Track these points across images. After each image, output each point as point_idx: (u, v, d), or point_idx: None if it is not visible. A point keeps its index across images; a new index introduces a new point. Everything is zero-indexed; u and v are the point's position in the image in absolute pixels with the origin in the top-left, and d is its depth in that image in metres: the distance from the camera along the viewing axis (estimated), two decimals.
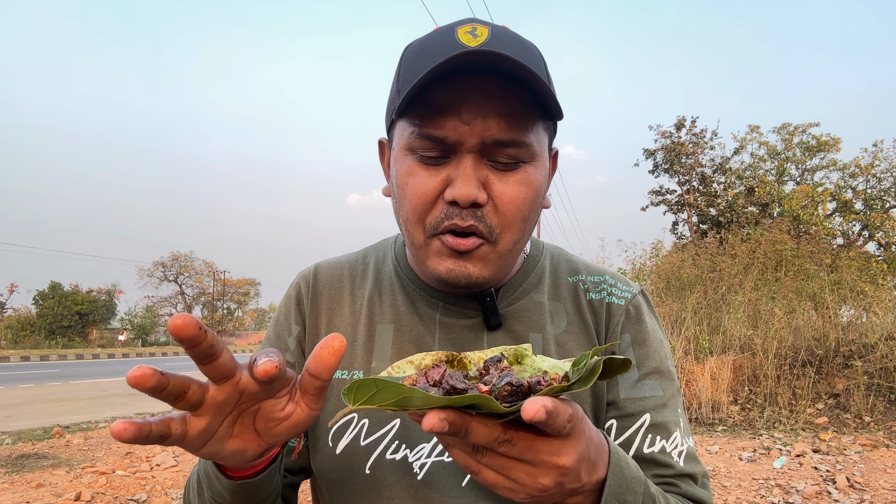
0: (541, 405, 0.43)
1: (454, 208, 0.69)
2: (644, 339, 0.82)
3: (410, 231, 0.74)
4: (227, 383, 0.52)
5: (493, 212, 0.71)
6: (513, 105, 0.68)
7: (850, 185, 21.64)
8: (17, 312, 40.06)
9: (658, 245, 12.36)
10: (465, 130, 0.68)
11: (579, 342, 0.81)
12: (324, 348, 0.52)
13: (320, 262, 0.91)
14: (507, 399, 0.47)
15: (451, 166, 0.70)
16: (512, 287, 0.82)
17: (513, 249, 0.74)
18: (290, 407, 0.56)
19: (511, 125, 0.68)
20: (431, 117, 0.68)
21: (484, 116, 0.67)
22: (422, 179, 0.71)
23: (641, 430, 0.76)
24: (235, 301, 55.69)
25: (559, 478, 0.51)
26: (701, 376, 7.35)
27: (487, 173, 0.70)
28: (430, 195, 0.71)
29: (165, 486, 4.74)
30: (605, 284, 0.85)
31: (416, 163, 0.71)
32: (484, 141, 0.68)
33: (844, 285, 8.87)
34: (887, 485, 4.53)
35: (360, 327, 0.83)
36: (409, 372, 0.56)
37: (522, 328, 0.80)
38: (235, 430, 0.56)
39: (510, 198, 0.70)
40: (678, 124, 21.91)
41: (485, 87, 0.67)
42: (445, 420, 0.45)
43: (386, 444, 0.75)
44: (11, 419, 8.07)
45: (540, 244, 0.90)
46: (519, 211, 0.71)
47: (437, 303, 0.82)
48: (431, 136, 0.69)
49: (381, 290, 0.86)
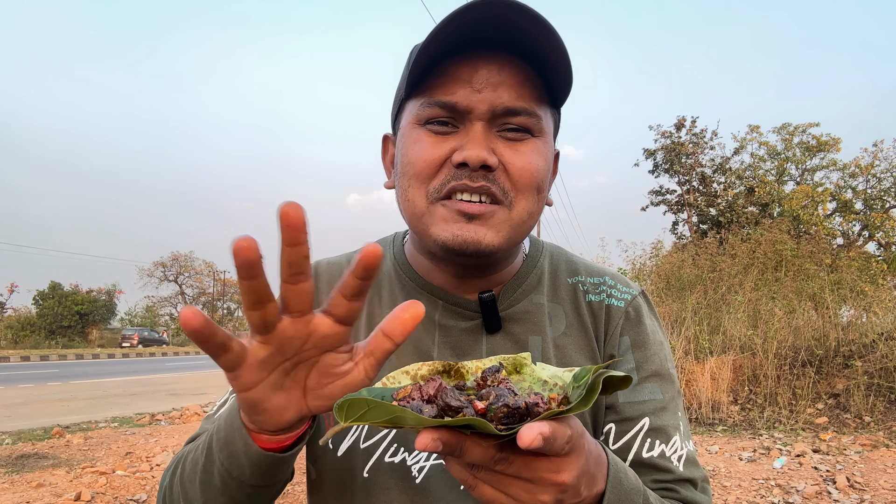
0: (537, 433, 0.42)
1: (463, 170, 0.68)
2: (643, 342, 0.80)
3: (412, 199, 0.72)
4: (302, 319, 0.50)
5: (504, 176, 0.70)
6: (524, 77, 0.69)
7: (850, 185, 21.65)
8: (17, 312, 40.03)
9: (658, 245, 12.39)
10: (477, 98, 0.68)
11: (578, 345, 0.80)
12: (405, 311, 0.52)
13: (319, 262, 0.90)
14: (504, 420, 0.45)
15: (460, 136, 0.69)
16: (512, 288, 0.81)
17: (527, 221, 0.72)
18: (349, 365, 0.55)
19: (522, 94, 0.68)
20: (443, 85, 0.69)
21: (496, 85, 0.68)
22: (427, 145, 0.70)
23: (640, 435, 0.75)
24: (235, 301, 55.67)
25: (559, 494, 0.50)
26: (701, 376, 7.35)
27: (497, 143, 0.69)
28: (437, 161, 0.70)
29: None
30: (605, 286, 0.84)
31: (423, 133, 0.71)
32: (495, 109, 0.68)
33: (844, 285, 8.87)
34: (887, 485, 4.53)
35: (360, 329, 0.81)
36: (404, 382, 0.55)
37: (522, 331, 0.79)
38: (286, 383, 0.54)
39: (522, 164, 0.69)
40: (678, 124, 21.92)
41: (496, 59, 0.68)
42: (439, 440, 0.44)
43: (385, 447, 0.75)
44: (11, 419, 8.07)
45: (539, 244, 0.89)
46: (532, 178, 0.70)
47: (436, 302, 0.80)
48: (441, 102, 0.69)
49: (380, 289, 0.84)
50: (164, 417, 8.16)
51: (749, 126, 22.63)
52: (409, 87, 0.71)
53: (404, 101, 0.75)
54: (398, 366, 0.77)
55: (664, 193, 22.93)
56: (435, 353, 0.78)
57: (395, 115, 0.79)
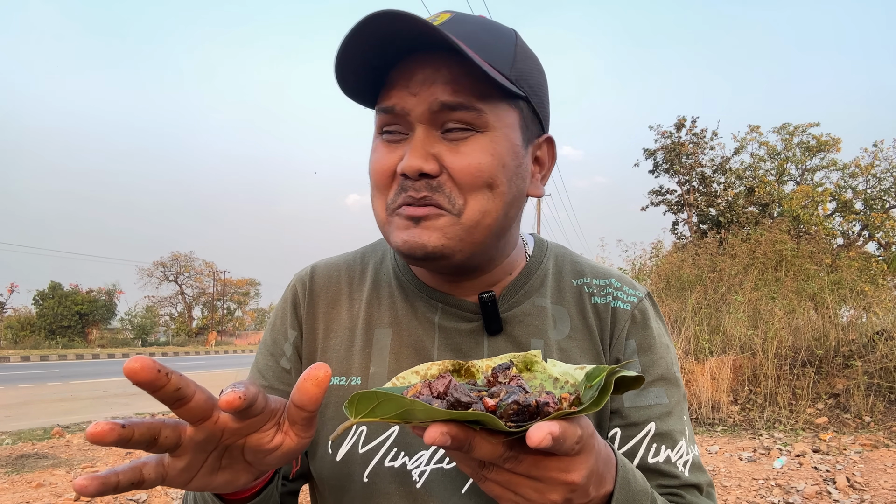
0: (547, 432, 0.42)
1: (408, 181, 0.68)
2: (650, 346, 0.80)
3: (376, 209, 0.73)
4: (205, 424, 0.49)
5: (449, 182, 0.68)
6: (460, 73, 0.67)
7: (850, 185, 21.63)
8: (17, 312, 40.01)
9: (658, 245, 12.37)
10: (413, 100, 0.68)
11: (583, 348, 0.79)
12: (308, 380, 0.49)
13: (317, 263, 0.89)
14: (514, 418, 0.45)
15: (408, 143, 0.69)
16: (513, 290, 0.80)
17: (481, 222, 0.69)
18: (279, 437, 0.54)
19: (458, 90, 0.67)
20: (385, 92, 0.70)
21: (431, 83, 0.67)
22: (381, 155, 0.71)
23: (646, 440, 0.74)
24: (235, 301, 55.65)
25: (568, 493, 0.50)
26: (701, 376, 7.35)
27: (439, 146, 0.68)
28: (388, 170, 0.70)
29: (166, 486, 4.73)
30: (611, 288, 0.83)
31: (380, 142, 0.72)
32: (431, 107, 0.67)
33: (844, 285, 8.87)
34: (887, 485, 4.53)
35: (358, 331, 0.80)
36: (413, 382, 0.55)
37: (524, 333, 0.78)
38: (224, 463, 0.54)
39: (463, 165, 0.67)
40: (678, 124, 21.90)
41: (434, 61, 0.67)
42: (448, 434, 0.43)
43: (384, 451, 0.74)
44: (11, 419, 8.07)
45: (544, 244, 0.87)
46: (477, 178, 0.68)
47: (435, 304, 0.79)
48: (383, 107, 0.70)
49: (379, 292, 0.83)
50: (164, 417, 8.15)
51: (749, 126, 22.63)
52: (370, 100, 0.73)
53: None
54: (397, 368, 0.77)
55: (664, 193, 22.92)
56: (435, 356, 0.77)
57: None
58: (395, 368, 0.77)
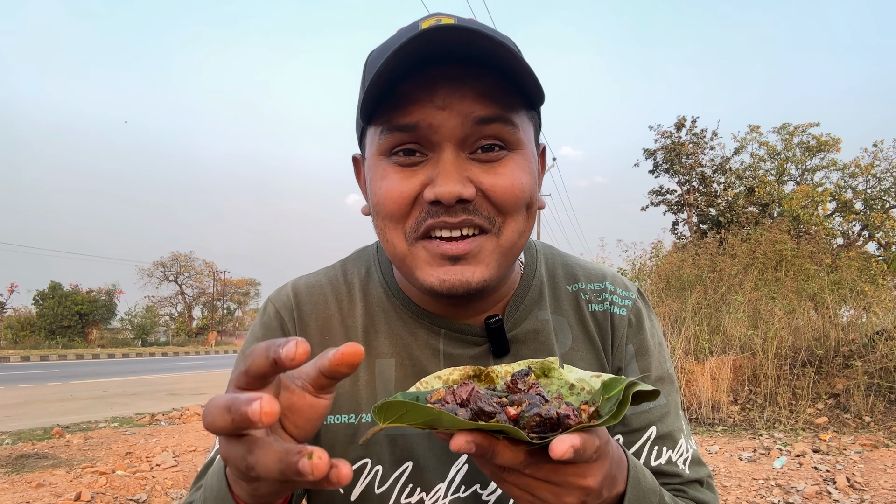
0: (569, 446, 0.44)
1: (438, 207, 0.62)
2: (646, 349, 0.80)
3: (391, 241, 0.66)
4: None
5: (486, 203, 0.63)
6: (490, 84, 0.61)
7: (850, 185, 21.63)
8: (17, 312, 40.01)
9: (658, 245, 12.35)
10: (442, 115, 0.61)
11: (587, 359, 0.78)
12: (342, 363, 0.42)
13: (296, 284, 0.81)
14: (535, 429, 0.47)
15: (430, 166, 0.63)
16: (515, 306, 0.77)
17: (517, 244, 0.66)
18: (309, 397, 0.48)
19: (493, 103, 0.61)
20: (400, 108, 0.61)
21: (461, 97, 0.61)
22: (395, 182, 0.63)
23: (648, 443, 0.75)
24: (235, 301, 55.65)
25: (584, 497, 0.52)
26: (701, 376, 7.34)
27: (472, 168, 0.63)
28: (407, 197, 0.63)
29: (165, 486, 4.74)
30: (606, 293, 0.81)
31: (389, 166, 0.64)
32: (464, 122, 0.61)
33: (844, 285, 8.86)
34: (887, 485, 4.53)
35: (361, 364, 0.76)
36: (436, 386, 0.57)
37: (530, 352, 0.76)
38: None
39: (505, 186, 0.63)
40: (678, 124, 21.90)
41: (456, 72, 0.61)
42: (472, 442, 0.45)
43: (400, 488, 0.72)
44: (11, 419, 8.06)
45: (532, 247, 0.84)
46: (518, 199, 0.64)
47: (438, 330, 0.75)
48: (402, 125, 0.62)
49: (374, 318, 0.77)
50: (164, 417, 8.16)
51: (749, 126, 22.64)
52: (364, 114, 0.64)
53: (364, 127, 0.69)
54: None
55: (664, 193, 22.92)
56: None
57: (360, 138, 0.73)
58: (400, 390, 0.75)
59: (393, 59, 0.57)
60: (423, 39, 0.56)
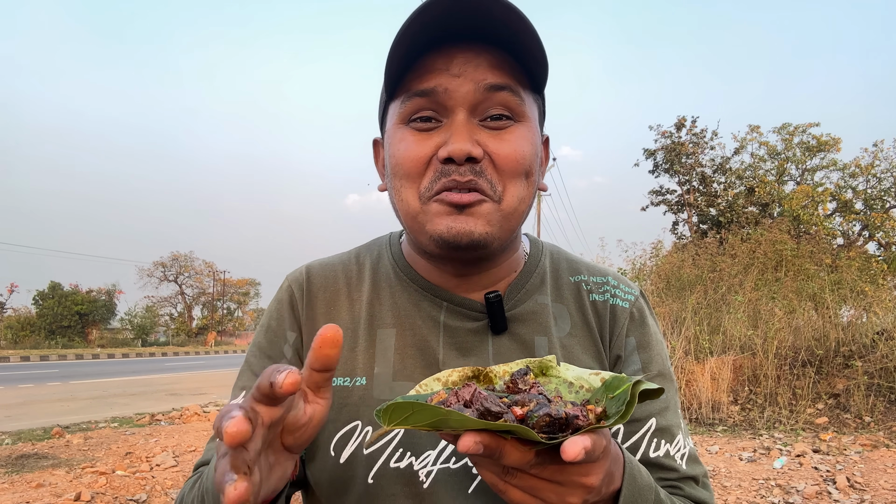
0: (581, 448, 0.44)
1: (450, 166, 0.68)
2: (648, 343, 0.82)
3: (405, 199, 0.72)
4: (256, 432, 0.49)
5: (491, 168, 0.70)
6: (501, 60, 0.69)
7: (850, 185, 21.62)
8: (17, 312, 40.00)
9: (658, 245, 12.36)
10: (457, 81, 0.68)
11: (583, 345, 0.80)
12: (324, 345, 0.50)
13: (311, 264, 0.88)
14: (545, 429, 0.47)
15: (444, 130, 0.70)
16: (516, 288, 0.81)
17: (517, 209, 0.72)
18: (310, 408, 0.54)
19: (503, 73, 0.69)
20: (419, 77, 0.69)
21: (475, 67, 0.68)
22: (412, 144, 0.71)
23: (647, 435, 0.76)
24: (235, 301, 55.63)
25: (585, 495, 0.53)
26: (701, 376, 7.34)
27: (480, 133, 0.70)
28: (423, 158, 0.70)
29: (165, 486, 4.74)
30: (608, 286, 0.84)
31: (407, 132, 0.71)
32: (476, 88, 0.68)
33: (844, 285, 8.86)
34: (887, 485, 4.53)
35: (361, 332, 0.80)
36: (435, 389, 0.57)
37: (527, 332, 0.79)
38: (272, 460, 0.54)
39: (507, 152, 0.70)
40: (678, 124, 21.90)
41: (471, 46, 0.69)
42: (481, 443, 0.46)
43: (390, 452, 0.73)
44: (11, 419, 8.07)
45: (539, 243, 0.89)
46: (519, 165, 0.70)
47: (440, 303, 0.79)
48: (420, 90, 0.69)
49: (379, 291, 0.82)
50: (164, 417, 8.16)
51: (749, 126, 22.62)
52: (388, 86, 0.72)
53: (387, 103, 0.76)
54: (401, 368, 0.77)
55: (664, 193, 22.92)
56: (441, 354, 0.77)
57: (381, 119, 0.80)
58: (400, 368, 0.77)
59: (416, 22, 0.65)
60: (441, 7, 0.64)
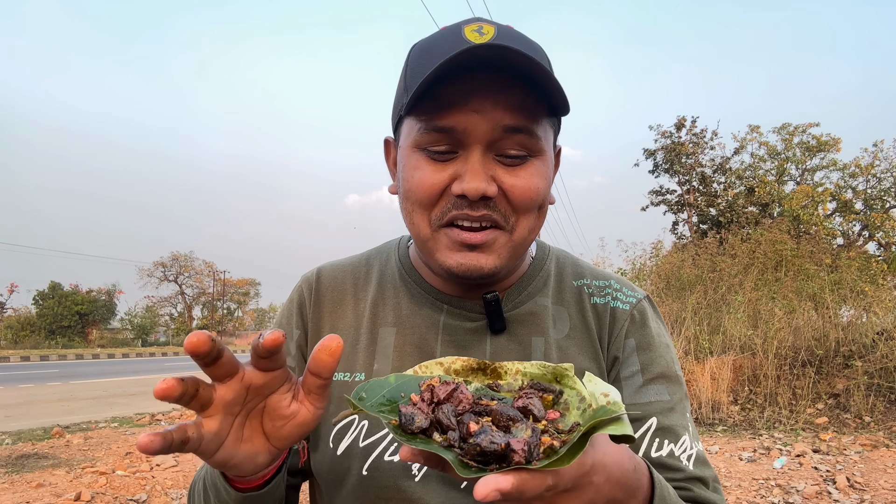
0: (493, 489, 0.39)
1: (462, 201, 0.69)
2: (649, 344, 0.81)
3: (416, 223, 0.74)
4: (233, 380, 0.52)
5: (504, 202, 0.71)
6: (521, 96, 0.69)
7: (850, 185, 21.63)
8: (17, 312, 40.03)
9: (658, 245, 12.37)
10: (476, 119, 0.68)
11: (581, 347, 0.80)
12: (322, 350, 0.52)
13: (323, 266, 0.91)
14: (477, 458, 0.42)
15: (459, 162, 0.70)
16: (517, 290, 0.82)
17: (527, 238, 0.74)
18: (295, 405, 0.56)
19: (521, 115, 0.69)
20: (440, 111, 0.69)
21: (493, 105, 0.68)
22: (428, 173, 0.71)
23: (648, 434, 0.75)
24: (235, 301, 55.62)
25: None
26: (701, 376, 7.35)
27: (496, 169, 0.70)
28: (437, 188, 0.71)
29: (165, 486, 4.74)
30: (610, 289, 0.85)
31: (423, 158, 0.71)
32: (494, 128, 0.68)
33: (844, 285, 8.86)
34: (887, 485, 4.53)
35: (363, 330, 0.83)
36: (436, 372, 0.57)
37: (525, 332, 0.80)
38: (245, 434, 0.56)
39: (522, 188, 0.70)
40: (678, 124, 21.91)
41: (492, 81, 0.68)
42: (420, 457, 0.46)
43: (384, 445, 0.75)
44: (11, 419, 8.07)
45: (546, 247, 0.90)
46: (532, 201, 0.72)
47: (440, 305, 0.82)
48: (439, 127, 0.69)
49: (384, 292, 0.85)
50: (164, 417, 8.16)
51: (749, 126, 22.63)
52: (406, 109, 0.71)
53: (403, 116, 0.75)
54: (400, 365, 0.79)
55: (664, 193, 22.92)
56: (438, 353, 0.79)
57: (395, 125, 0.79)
58: (399, 366, 0.79)
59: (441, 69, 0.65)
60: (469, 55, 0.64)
